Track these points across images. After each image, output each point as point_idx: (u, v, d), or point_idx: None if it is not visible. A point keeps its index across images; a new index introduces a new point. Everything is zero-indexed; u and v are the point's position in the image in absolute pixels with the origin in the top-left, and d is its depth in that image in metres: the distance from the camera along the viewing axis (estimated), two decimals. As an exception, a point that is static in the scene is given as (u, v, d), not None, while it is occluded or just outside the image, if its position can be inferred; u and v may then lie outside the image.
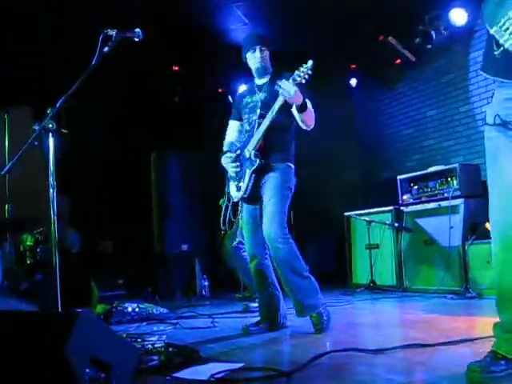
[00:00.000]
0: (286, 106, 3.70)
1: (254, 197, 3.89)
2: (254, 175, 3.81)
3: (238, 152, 3.98)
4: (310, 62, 3.47)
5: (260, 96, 3.99)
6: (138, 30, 3.19)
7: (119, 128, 8.10)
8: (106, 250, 8.26)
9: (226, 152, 4.10)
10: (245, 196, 3.91)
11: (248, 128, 3.98)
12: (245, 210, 4.07)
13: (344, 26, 7.16)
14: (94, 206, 8.06)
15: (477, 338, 3.11)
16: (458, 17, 6.65)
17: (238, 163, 3.96)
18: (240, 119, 4.17)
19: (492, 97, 2.43)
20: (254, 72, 4.14)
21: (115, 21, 3.45)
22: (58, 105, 3.16)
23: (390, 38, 7.38)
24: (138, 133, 8.13)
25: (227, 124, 5.98)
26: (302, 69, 3.50)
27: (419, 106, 7.90)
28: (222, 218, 5.56)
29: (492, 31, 2.13)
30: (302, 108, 3.64)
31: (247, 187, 3.86)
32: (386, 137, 8.47)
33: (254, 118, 3.90)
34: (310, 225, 7.78)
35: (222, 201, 5.83)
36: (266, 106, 3.83)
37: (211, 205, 6.25)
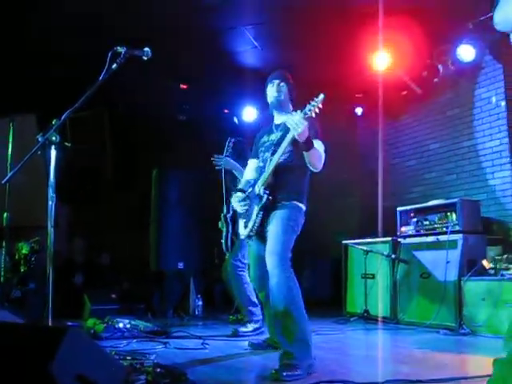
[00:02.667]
0: (299, 146, 3.63)
1: (260, 235, 3.78)
2: (261, 212, 3.71)
3: (250, 190, 3.92)
4: (321, 96, 3.40)
5: (276, 135, 3.95)
6: (147, 49, 3.22)
7: (124, 142, 8.15)
8: (103, 262, 8.27)
9: (237, 191, 4.03)
10: (251, 234, 3.81)
11: (261, 165, 3.93)
12: (252, 246, 4.02)
13: (353, 54, 7.23)
14: (93, 218, 8.08)
15: (467, 377, 3.08)
16: (466, 53, 6.71)
17: (246, 202, 3.88)
18: (258, 158, 4.11)
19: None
20: (270, 107, 4.11)
21: (125, 35, 3.48)
22: (62, 117, 3.18)
23: (397, 70, 7.43)
24: (142, 147, 8.17)
25: (230, 144, 6.00)
26: (313, 102, 3.42)
27: (423, 138, 7.94)
28: (224, 241, 5.58)
29: None
30: (307, 147, 3.52)
31: (254, 224, 3.75)
32: (388, 167, 8.48)
33: (267, 155, 3.85)
34: (308, 251, 7.76)
35: (220, 224, 5.86)
36: (279, 145, 3.74)
37: (209, 225, 6.26)
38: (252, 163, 4.19)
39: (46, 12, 6.02)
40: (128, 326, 5.02)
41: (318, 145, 3.67)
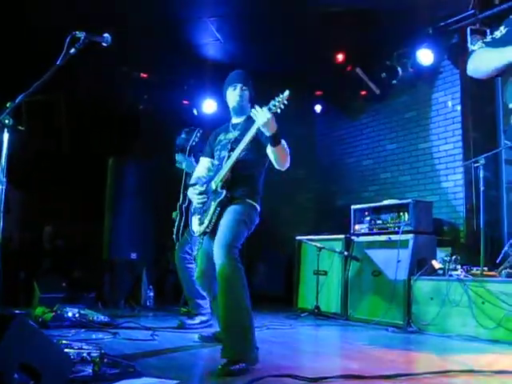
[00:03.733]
0: (259, 144, 3.62)
1: (214, 231, 3.67)
2: (218, 209, 3.66)
3: (205, 186, 3.85)
4: (287, 92, 3.36)
5: (234, 134, 3.90)
6: (106, 35, 3.16)
7: (81, 129, 8.02)
8: (57, 249, 8.12)
9: (193, 185, 3.97)
10: (207, 230, 3.74)
11: (217, 163, 3.89)
12: (204, 243, 3.88)
13: (314, 51, 7.28)
14: (46, 204, 7.93)
15: (411, 374, 3.14)
16: (425, 57, 6.83)
17: (204, 195, 3.81)
18: (212, 156, 4.06)
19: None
20: (230, 109, 4.07)
21: (83, 22, 3.42)
22: (17, 101, 3.10)
23: (357, 69, 7.52)
24: (98, 135, 8.06)
25: (188, 136, 5.96)
26: (277, 98, 3.38)
27: (380, 138, 8.05)
28: (175, 230, 5.57)
29: (510, 106, 2.68)
30: (275, 140, 3.47)
31: (210, 221, 3.70)
32: (344, 165, 8.58)
33: (224, 153, 3.80)
34: (262, 246, 7.79)
35: (175, 214, 5.83)
36: (238, 142, 3.70)
37: (164, 216, 6.22)
38: (204, 161, 4.13)
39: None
40: (77, 315, 4.95)
41: (283, 142, 3.62)
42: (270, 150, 3.57)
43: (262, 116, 3.37)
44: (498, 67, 2.75)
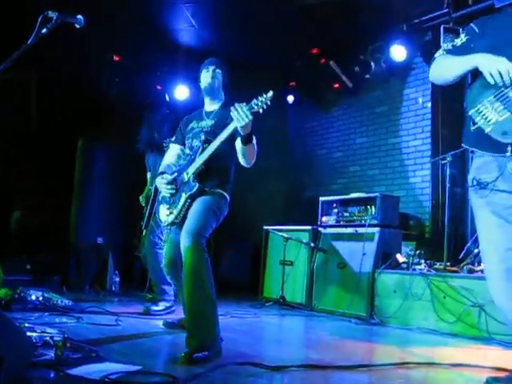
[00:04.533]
0: (233, 136, 3.56)
1: (183, 222, 3.64)
2: (189, 200, 3.63)
3: (176, 175, 3.81)
4: (271, 93, 3.34)
5: (207, 122, 3.87)
6: (80, 16, 3.12)
7: (51, 109, 7.90)
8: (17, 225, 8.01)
9: (161, 173, 3.91)
10: (176, 221, 3.73)
11: (189, 152, 3.83)
12: (172, 233, 3.88)
13: (289, 42, 7.29)
14: (16, 183, 7.79)
15: (372, 365, 3.20)
16: (398, 53, 6.88)
17: (173, 185, 3.77)
18: (183, 144, 4.01)
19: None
20: (204, 94, 4.03)
21: (56, 5, 3.37)
22: (-15, 79, 3.05)
23: (331, 62, 7.55)
24: (69, 117, 7.95)
25: (158, 122, 5.93)
26: (260, 98, 3.34)
27: (351, 131, 8.11)
28: (146, 217, 5.55)
29: (470, 113, 2.79)
30: (247, 140, 3.47)
31: (180, 212, 3.67)
32: (315, 157, 8.63)
33: (197, 143, 3.75)
34: (230, 234, 7.80)
35: (141, 198, 5.81)
36: (212, 132, 3.69)
37: (132, 201, 6.18)
38: (174, 148, 4.09)
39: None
40: (41, 298, 4.90)
41: (253, 140, 3.62)
42: (239, 145, 3.56)
43: (242, 117, 3.31)
44: (457, 75, 2.88)
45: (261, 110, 3.36)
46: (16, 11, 6.06)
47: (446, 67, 2.94)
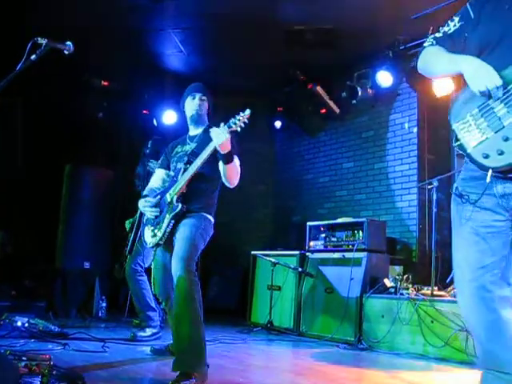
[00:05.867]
0: (215, 158, 3.61)
1: (168, 242, 3.70)
2: (173, 221, 3.64)
3: (158, 198, 3.85)
4: (248, 111, 3.40)
5: (191, 146, 3.92)
6: (69, 42, 3.13)
7: (37, 135, 7.89)
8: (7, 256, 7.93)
9: (145, 196, 3.95)
10: (160, 242, 3.73)
11: (173, 174, 3.88)
12: (158, 255, 3.90)
13: (277, 69, 7.37)
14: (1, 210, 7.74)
15: (360, 391, 3.19)
16: (384, 79, 6.96)
17: (157, 208, 3.80)
18: (168, 168, 4.05)
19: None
20: (188, 120, 4.08)
21: (45, 29, 3.39)
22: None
23: (318, 88, 7.62)
24: (56, 142, 7.94)
25: (145, 146, 5.94)
26: (238, 117, 3.41)
27: (338, 156, 8.15)
28: (129, 243, 5.52)
29: (453, 127, 2.49)
30: (227, 159, 3.53)
31: (164, 233, 3.68)
32: (302, 181, 8.66)
33: (180, 166, 3.80)
34: (217, 259, 7.78)
35: (127, 223, 5.78)
36: (194, 154, 3.73)
37: (119, 225, 6.16)
38: (160, 172, 4.12)
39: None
40: (26, 324, 4.84)
41: (236, 161, 3.68)
42: (221, 166, 3.63)
43: (219, 135, 3.40)
44: (446, 74, 2.68)
45: (238, 129, 3.44)
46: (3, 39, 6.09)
47: (431, 63, 2.66)
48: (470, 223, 2.55)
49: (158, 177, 4.12)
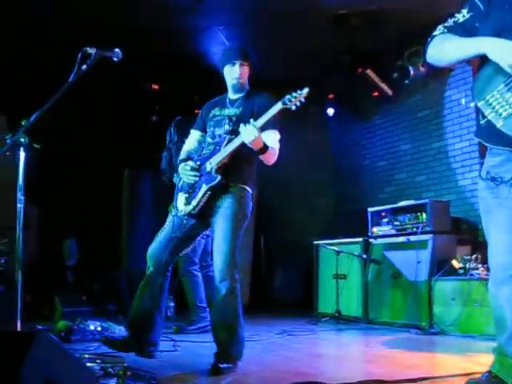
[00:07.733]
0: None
1: (201, 215, 3.60)
2: (209, 192, 3.52)
3: (199, 163, 3.68)
4: (306, 90, 3.22)
5: (230, 111, 3.76)
6: (117, 50, 3.18)
7: (95, 142, 8.07)
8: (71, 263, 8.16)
9: (184, 159, 3.80)
10: (193, 212, 3.61)
11: (212, 141, 3.71)
12: (189, 223, 3.72)
13: (325, 56, 7.28)
14: (63, 218, 7.96)
15: (435, 377, 3.12)
16: (436, 55, 6.76)
17: (197, 173, 3.63)
18: (204, 130, 3.89)
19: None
20: (229, 87, 3.89)
21: (93, 38, 3.45)
22: (31, 119, 3.13)
23: (368, 71, 7.49)
24: (113, 148, 8.10)
25: (173, 126, 5.93)
26: (294, 94, 3.23)
27: (394, 139, 8.00)
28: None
29: (479, 104, 2.48)
30: (260, 152, 3.44)
31: (198, 203, 3.56)
32: (359, 168, 8.55)
33: (219, 132, 3.67)
34: (280, 251, 7.77)
35: (170, 208, 5.83)
36: (237, 122, 3.54)
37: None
38: (195, 134, 3.97)
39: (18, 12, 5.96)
40: (99, 328, 4.96)
41: (273, 136, 3.58)
42: None
43: (248, 134, 3.31)
44: (460, 59, 2.61)
45: (293, 107, 3.28)
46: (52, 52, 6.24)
47: (446, 49, 2.65)
48: (505, 209, 2.48)
49: (193, 138, 3.98)
